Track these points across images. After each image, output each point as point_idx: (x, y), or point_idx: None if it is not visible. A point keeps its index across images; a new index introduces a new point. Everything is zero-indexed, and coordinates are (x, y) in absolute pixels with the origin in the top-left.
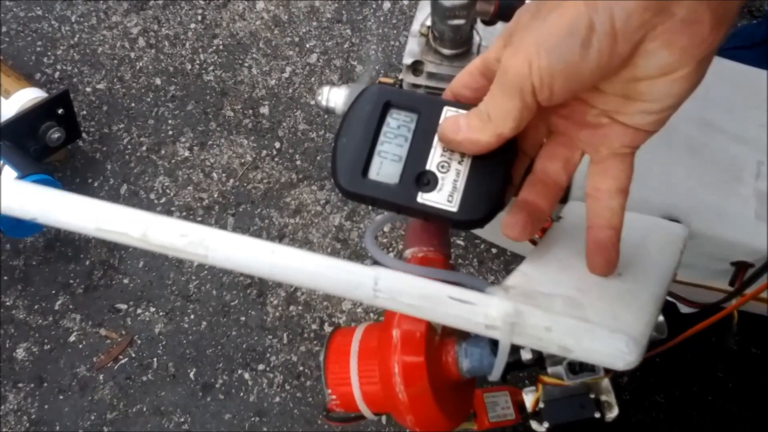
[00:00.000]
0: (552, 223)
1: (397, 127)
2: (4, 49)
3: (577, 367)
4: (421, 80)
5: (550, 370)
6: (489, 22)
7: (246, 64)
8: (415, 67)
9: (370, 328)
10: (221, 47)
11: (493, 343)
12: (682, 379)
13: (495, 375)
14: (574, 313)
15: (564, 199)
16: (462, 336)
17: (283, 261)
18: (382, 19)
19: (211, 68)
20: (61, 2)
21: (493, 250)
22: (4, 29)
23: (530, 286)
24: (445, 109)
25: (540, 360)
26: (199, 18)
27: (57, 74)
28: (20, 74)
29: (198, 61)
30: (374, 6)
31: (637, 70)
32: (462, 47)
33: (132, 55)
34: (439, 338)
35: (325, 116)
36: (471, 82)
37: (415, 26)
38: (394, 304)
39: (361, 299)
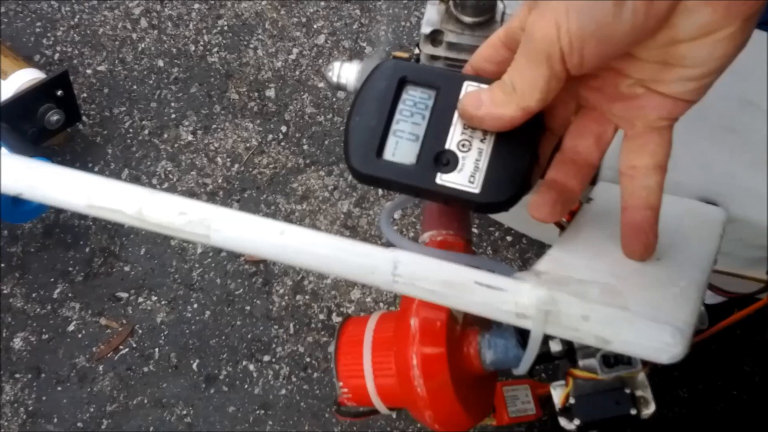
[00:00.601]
0: (581, 206)
1: (414, 105)
2: (3, 30)
3: (612, 360)
4: (440, 51)
5: (581, 363)
6: None
7: (251, 46)
8: (434, 37)
9: (384, 317)
10: (226, 28)
11: (520, 334)
12: (706, 373)
13: (523, 368)
14: (612, 302)
15: (593, 180)
16: (485, 326)
17: (294, 242)
18: None
19: (216, 50)
20: None
21: (509, 238)
22: (2, 10)
23: (563, 271)
24: (466, 83)
25: (570, 352)
26: None
27: (57, 56)
28: (18, 55)
29: (202, 43)
30: None
31: (675, 31)
32: (485, 15)
33: (134, 36)
34: (460, 328)
35: (334, 99)
36: (493, 54)
37: None
38: (415, 291)
39: (378, 285)
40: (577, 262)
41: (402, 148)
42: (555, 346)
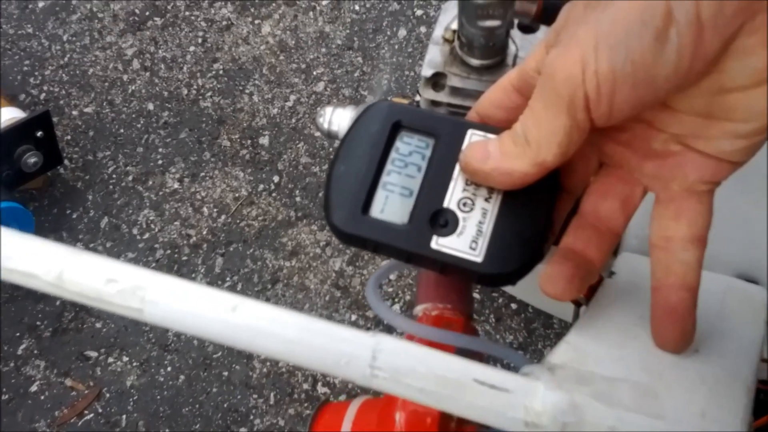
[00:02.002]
0: (602, 280)
1: (409, 154)
2: None
3: None
4: (442, 96)
5: None
6: (528, 28)
7: (247, 91)
8: (436, 81)
9: (367, 406)
10: (221, 72)
11: None
12: None
13: None
14: (647, 407)
15: (615, 250)
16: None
17: (248, 321)
18: (396, 47)
19: (209, 94)
20: (53, 20)
21: (513, 306)
22: None
23: (584, 365)
24: (470, 132)
25: None
26: (200, 41)
27: (43, 96)
28: (2, 94)
29: (195, 86)
30: (389, 33)
31: (725, 77)
32: (494, 57)
33: (125, 77)
34: (455, 424)
35: (330, 149)
36: (504, 99)
37: (438, 31)
38: (398, 388)
39: (353, 378)
40: (600, 352)
41: (393, 204)
42: None
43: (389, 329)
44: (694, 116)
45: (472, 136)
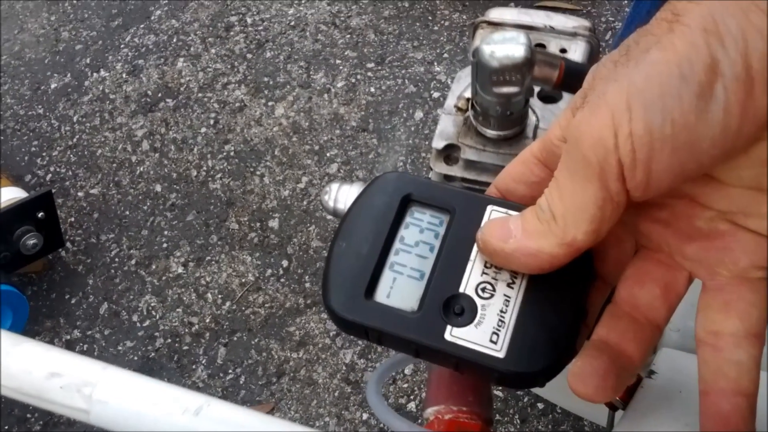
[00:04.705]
0: (641, 380)
1: (420, 232)
2: None
3: None
4: (456, 170)
5: None
6: (550, 97)
7: (258, 173)
8: (449, 153)
9: None
10: (232, 153)
11: None
12: None
13: None
14: None
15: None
16: None
17: (211, 426)
18: (412, 129)
19: (219, 176)
20: (65, 101)
21: (540, 405)
22: (1, 127)
23: None
24: (490, 208)
25: None
26: (212, 122)
27: (49, 176)
28: (3, 173)
29: (205, 168)
30: (405, 115)
31: None
32: (513, 128)
33: (133, 158)
34: None
35: None
36: (526, 173)
37: (450, 101)
38: None
39: None
40: None
41: (401, 288)
42: None
43: None
44: (744, 189)
45: (492, 213)
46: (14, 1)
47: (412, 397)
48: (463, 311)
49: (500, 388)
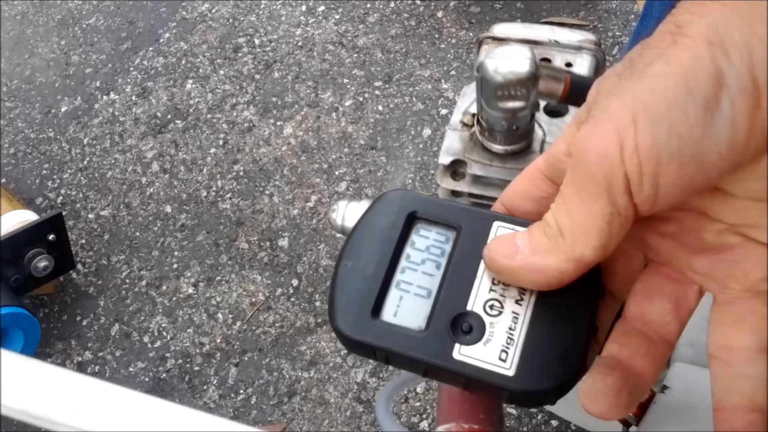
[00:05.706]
0: (654, 396)
1: (426, 249)
2: (8, 172)
3: None
4: (462, 185)
5: None
6: (555, 112)
7: (267, 192)
8: (455, 169)
9: None
10: (242, 173)
11: None
12: None
13: None
14: None
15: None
16: None
17: None
18: (421, 146)
19: (228, 195)
20: (75, 124)
21: (554, 423)
22: (11, 151)
23: None
24: (496, 224)
25: None
26: (221, 142)
27: (60, 199)
28: (15, 196)
29: (215, 188)
30: (413, 132)
31: None
32: (519, 143)
33: (143, 180)
34: None
35: None
36: (532, 188)
37: (456, 116)
38: None
39: None
40: None
41: (407, 306)
42: None
43: None
44: (753, 201)
45: (499, 229)
46: (25, 26)
47: (424, 416)
48: (471, 329)
49: (512, 405)
